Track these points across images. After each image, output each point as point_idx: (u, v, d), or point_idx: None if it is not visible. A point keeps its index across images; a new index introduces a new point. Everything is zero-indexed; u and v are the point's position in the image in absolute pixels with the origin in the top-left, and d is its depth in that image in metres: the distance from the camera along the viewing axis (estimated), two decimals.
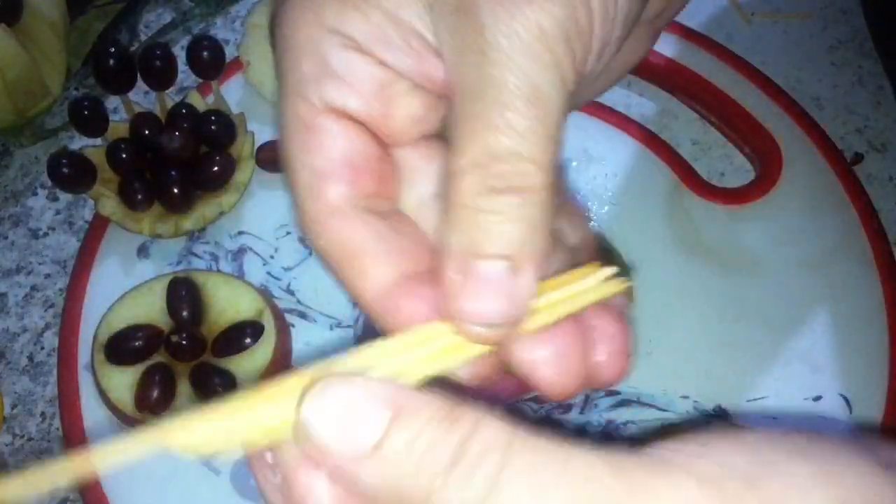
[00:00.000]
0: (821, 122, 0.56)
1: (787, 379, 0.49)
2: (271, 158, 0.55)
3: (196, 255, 0.54)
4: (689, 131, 0.57)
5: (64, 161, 0.53)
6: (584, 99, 0.34)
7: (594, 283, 0.29)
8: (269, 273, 0.53)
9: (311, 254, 0.54)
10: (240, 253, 0.54)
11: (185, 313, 0.49)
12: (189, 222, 0.53)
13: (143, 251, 0.54)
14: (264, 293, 0.51)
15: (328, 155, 0.29)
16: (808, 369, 0.49)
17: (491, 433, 0.25)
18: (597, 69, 0.29)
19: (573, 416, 0.49)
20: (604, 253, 0.50)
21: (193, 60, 0.55)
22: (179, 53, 0.58)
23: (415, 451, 0.24)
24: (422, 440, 0.24)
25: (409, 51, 0.29)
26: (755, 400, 0.49)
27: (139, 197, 0.52)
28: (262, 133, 0.56)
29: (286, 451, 0.25)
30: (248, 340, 0.49)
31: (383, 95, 0.29)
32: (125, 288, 0.51)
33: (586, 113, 0.57)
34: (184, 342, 0.48)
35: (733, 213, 0.54)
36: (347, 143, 0.29)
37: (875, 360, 0.50)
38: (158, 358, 0.49)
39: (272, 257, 0.54)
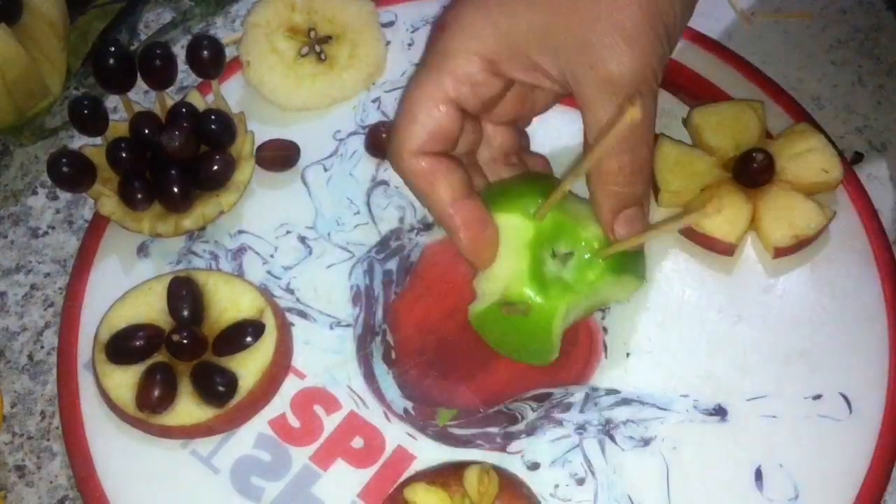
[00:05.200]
0: (821, 122, 0.56)
1: (787, 379, 0.49)
2: (271, 158, 0.55)
3: (196, 255, 0.54)
4: None
5: (64, 161, 0.53)
6: None
7: None
8: (268, 272, 0.53)
9: (310, 253, 0.54)
10: (240, 252, 0.54)
11: (185, 312, 0.49)
12: (189, 222, 0.53)
13: (143, 250, 0.54)
14: (265, 292, 0.51)
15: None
16: (808, 369, 0.49)
17: None
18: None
19: (573, 415, 0.49)
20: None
21: (193, 60, 0.55)
22: (179, 53, 0.58)
23: None
24: None
25: (529, 71, 0.45)
26: (755, 399, 0.49)
27: (139, 196, 0.52)
28: (262, 132, 0.56)
29: None
30: (248, 339, 0.49)
31: (494, 98, 0.47)
32: (125, 287, 0.51)
33: None
34: (185, 341, 0.48)
35: None
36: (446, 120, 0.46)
37: (875, 359, 0.50)
38: (159, 357, 0.49)
39: (272, 256, 0.54)
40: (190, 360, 0.48)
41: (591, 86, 0.43)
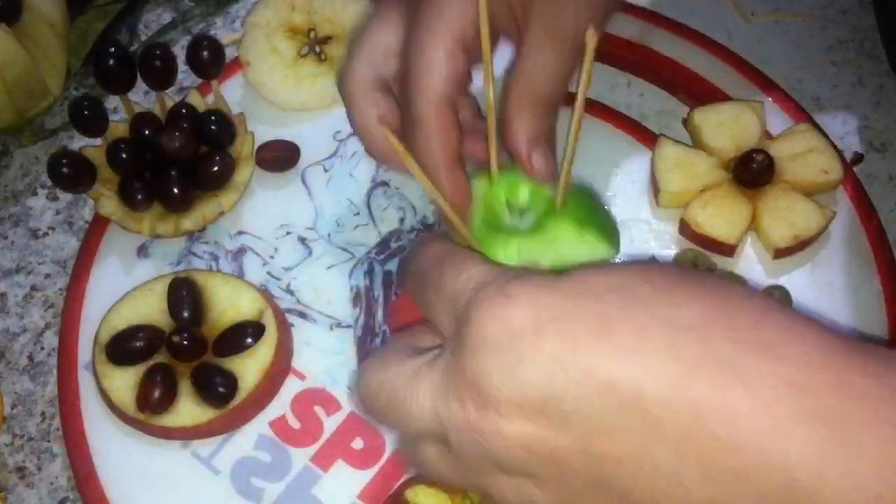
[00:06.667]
0: (821, 122, 0.56)
1: None
2: (271, 158, 0.55)
3: (196, 255, 0.54)
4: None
5: (64, 161, 0.53)
6: None
7: None
8: (268, 273, 0.53)
9: (310, 254, 0.54)
10: (239, 253, 0.54)
11: (185, 313, 0.49)
12: (189, 222, 0.53)
13: (143, 251, 0.54)
14: (265, 293, 0.51)
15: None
16: None
17: None
18: None
19: None
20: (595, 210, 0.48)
21: (193, 60, 0.55)
22: (179, 53, 0.58)
23: None
24: None
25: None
26: None
27: (139, 197, 0.52)
28: (262, 133, 0.56)
29: None
30: (248, 340, 0.49)
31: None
32: (125, 288, 0.51)
33: (586, 113, 0.57)
34: (185, 342, 0.48)
35: None
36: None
37: None
38: (160, 358, 0.49)
39: (272, 257, 0.54)
40: (190, 361, 0.48)
41: (543, 35, 0.45)
